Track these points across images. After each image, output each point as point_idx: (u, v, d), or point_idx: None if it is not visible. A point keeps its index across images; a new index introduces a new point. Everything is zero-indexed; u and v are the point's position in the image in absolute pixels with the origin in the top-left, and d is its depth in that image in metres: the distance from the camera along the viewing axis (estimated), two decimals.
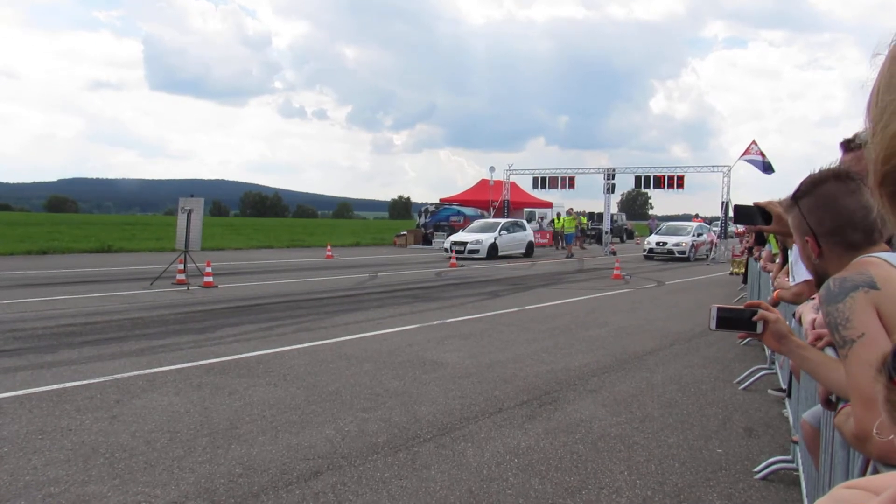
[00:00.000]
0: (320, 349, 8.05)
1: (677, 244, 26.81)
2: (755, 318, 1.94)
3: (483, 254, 25.62)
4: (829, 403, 1.99)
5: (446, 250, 26.07)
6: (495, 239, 26.41)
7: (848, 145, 3.11)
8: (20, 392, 5.87)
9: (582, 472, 4.39)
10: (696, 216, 41.92)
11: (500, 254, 26.33)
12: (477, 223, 29.16)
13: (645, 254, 27.59)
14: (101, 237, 30.13)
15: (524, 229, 28.82)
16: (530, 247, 28.54)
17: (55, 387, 6.06)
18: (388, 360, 7.50)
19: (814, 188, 1.94)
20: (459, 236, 27.07)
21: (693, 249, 26.76)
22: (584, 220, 40.17)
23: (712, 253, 28.14)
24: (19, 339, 8.21)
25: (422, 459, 4.53)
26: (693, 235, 27.45)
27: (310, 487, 4.02)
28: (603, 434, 5.17)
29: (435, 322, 10.26)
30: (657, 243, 27.51)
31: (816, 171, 1.99)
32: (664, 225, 30.55)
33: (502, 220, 28.82)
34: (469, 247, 25.75)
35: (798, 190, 1.99)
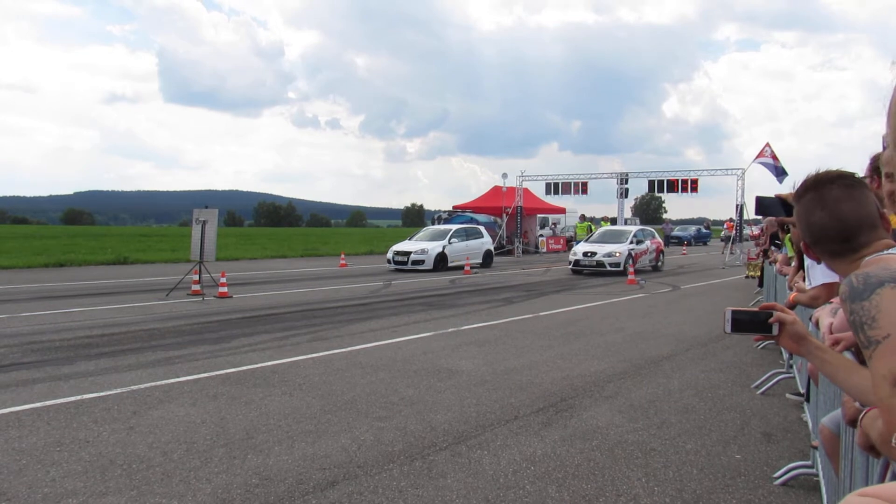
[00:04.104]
0: (335, 358, 8.06)
1: (609, 254, 21.81)
2: (771, 320, 1.92)
3: (429, 265, 22.61)
4: (854, 422, 1.95)
5: (389, 261, 23.50)
6: (444, 248, 23.43)
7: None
8: (38, 404, 5.91)
9: (599, 479, 4.36)
10: (730, 220, 41.35)
11: (450, 265, 23.32)
12: (427, 230, 26.44)
13: (571, 266, 22.46)
14: (117, 249, 30.38)
15: (481, 236, 25.84)
16: (488, 256, 25.58)
17: (72, 399, 6.11)
18: (403, 369, 7.49)
19: (796, 201, 1.99)
20: (403, 245, 24.03)
21: (630, 260, 21.81)
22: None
23: (661, 263, 24.27)
24: (37, 351, 8.28)
25: (438, 468, 4.51)
26: (631, 243, 22.57)
27: (326, 497, 4.02)
28: (620, 441, 5.14)
29: (449, 329, 10.25)
30: (584, 253, 22.34)
31: (803, 180, 2.00)
32: (599, 230, 26.05)
33: (454, 227, 25.91)
34: (413, 257, 22.75)
35: (794, 198, 2.03)
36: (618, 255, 21.80)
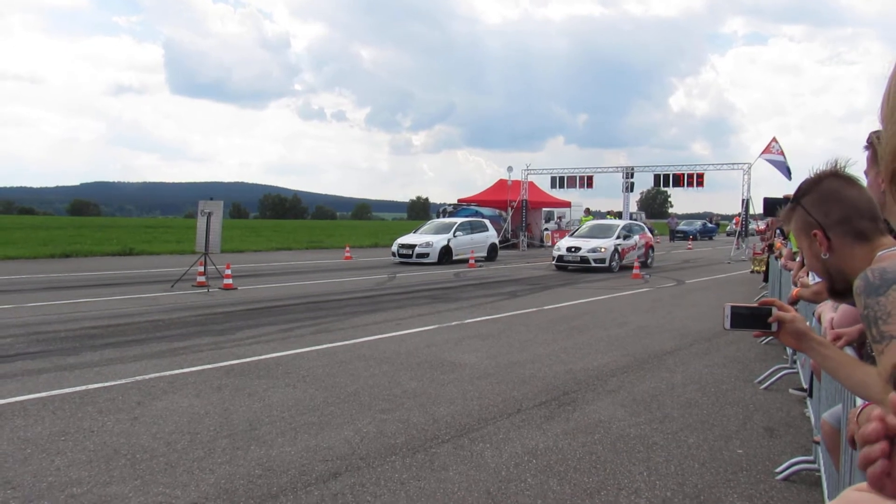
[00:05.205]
0: (339, 350, 8.08)
1: (594, 250, 20.73)
2: (770, 319, 1.91)
3: (434, 258, 22.53)
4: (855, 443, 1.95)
5: (393, 254, 23.38)
6: (448, 241, 23.29)
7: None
8: (44, 394, 5.95)
9: (601, 472, 4.37)
10: (739, 215, 40.94)
11: (455, 258, 23.26)
12: (432, 223, 26.32)
13: (555, 262, 21.44)
14: (122, 240, 30.46)
15: (486, 230, 25.74)
16: (493, 249, 25.49)
17: (78, 389, 6.14)
18: (406, 361, 7.51)
19: (815, 186, 1.95)
20: (408, 238, 23.84)
21: (617, 256, 20.96)
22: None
23: (651, 259, 23.08)
24: (43, 341, 8.32)
25: (440, 460, 4.53)
26: (618, 238, 21.41)
27: (328, 488, 4.04)
28: (622, 435, 5.15)
29: (453, 323, 10.26)
30: (569, 249, 21.27)
31: (813, 172, 1.99)
32: (587, 223, 24.67)
33: (459, 220, 25.79)
34: (417, 250, 22.66)
35: (798, 191, 1.99)
36: (603, 250, 20.77)
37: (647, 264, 22.63)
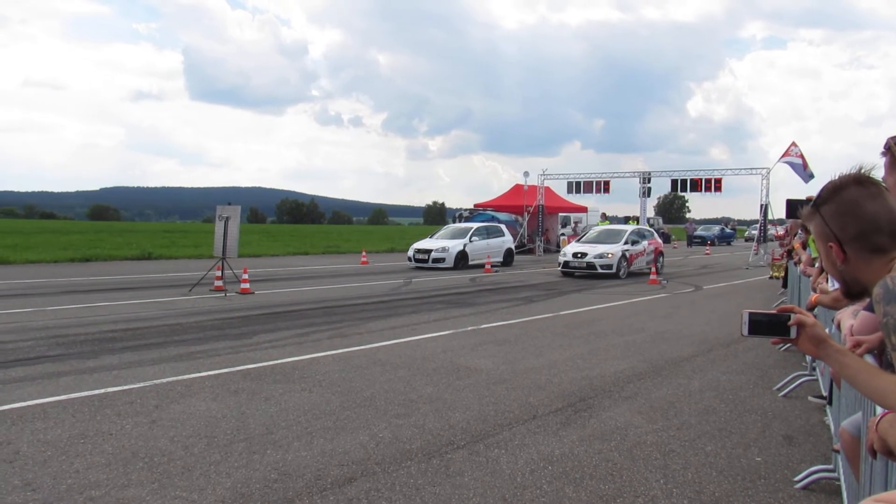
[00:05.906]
0: (355, 355, 8.10)
1: (601, 256, 20.06)
2: (790, 323, 1.88)
3: (450, 263, 22.57)
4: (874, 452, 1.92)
5: (409, 259, 23.54)
6: (464, 246, 23.41)
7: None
8: (63, 397, 6.01)
9: (617, 480, 4.35)
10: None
11: (471, 263, 23.30)
12: (448, 228, 26.42)
13: (560, 268, 20.78)
14: (141, 245, 30.74)
15: (502, 235, 25.73)
16: (509, 254, 25.41)
17: (97, 392, 6.20)
18: (422, 367, 7.51)
19: (835, 194, 1.88)
20: (424, 243, 23.94)
21: (625, 262, 20.38)
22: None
23: (660, 265, 22.13)
24: (62, 344, 8.41)
25: (455, 466, 4.52)
26: (626, 243, 20.76)
27: (344, 493, 4.04)
28: (638, 442, 5.12)
29: (469, 328, 10.25)
30: (574, 254, 20.57)
31: (836, 176, 1.93)
32: (595, 228, 24.23)
33: (475, 225, 25.84)
34: (433, 255, 22.72)
35: (819, 197, 1.94)
36: (610, 256, 20.10)
37: (657, 270, 21.78)
